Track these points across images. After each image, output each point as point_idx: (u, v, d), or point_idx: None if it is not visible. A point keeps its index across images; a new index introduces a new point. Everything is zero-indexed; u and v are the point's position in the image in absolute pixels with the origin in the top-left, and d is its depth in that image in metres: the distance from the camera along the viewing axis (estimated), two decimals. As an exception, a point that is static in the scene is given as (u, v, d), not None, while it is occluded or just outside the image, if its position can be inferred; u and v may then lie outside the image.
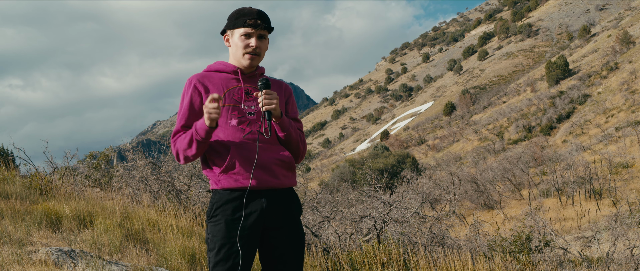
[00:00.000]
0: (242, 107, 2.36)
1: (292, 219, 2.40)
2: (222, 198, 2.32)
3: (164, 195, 6.93)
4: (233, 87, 2.39)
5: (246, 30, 2.35)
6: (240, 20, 2.36)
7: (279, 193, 2.37)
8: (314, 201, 6.91)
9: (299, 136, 2.43)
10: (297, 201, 2.45)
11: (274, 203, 2.35)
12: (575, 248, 8.72)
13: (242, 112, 2.36)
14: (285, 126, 2.35)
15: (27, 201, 6.24)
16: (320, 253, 5.36)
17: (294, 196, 2.44)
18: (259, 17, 2.35)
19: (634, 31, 71.73)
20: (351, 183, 27.05)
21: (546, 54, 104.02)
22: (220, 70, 2.43)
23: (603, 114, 43.40)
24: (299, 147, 2.43)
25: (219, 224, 2.31)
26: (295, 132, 2.40)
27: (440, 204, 16.12)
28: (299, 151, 2.44)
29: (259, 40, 2.38)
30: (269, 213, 2.34)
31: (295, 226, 2.41)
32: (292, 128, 2.39)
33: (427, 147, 66.63)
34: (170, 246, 4.73)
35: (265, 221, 2.34)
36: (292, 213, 2.41)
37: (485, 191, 23.04)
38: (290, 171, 2.40)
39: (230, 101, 2.36)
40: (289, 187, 2.42)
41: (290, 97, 2.51)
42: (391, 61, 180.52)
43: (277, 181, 2.35)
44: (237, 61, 2.41)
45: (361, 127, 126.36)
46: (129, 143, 8.63)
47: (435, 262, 4.93)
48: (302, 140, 2.44)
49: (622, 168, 24.39)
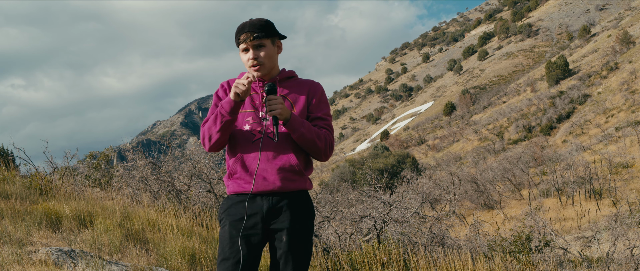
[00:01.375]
0: (259, 114, 2.46)
1: (297, 222, 2.43)
2: (228, 203, 2.46)
3: (164, 195, 6.93)
4: (253, 93, 2.50)
5: (242, 46, 2.45)
6: (236, 38, 2.47)
7: (283, 197, 2.42)
8: (313, 201, 6.91)
9: (316, 135, 2.42)
10: (305, 205, 2.47)
11: (275, 206, 2.41)
12: (575, 248, 8.72)
13: (257, 118, 2.45)
14: (296, 127, 2.38)
15: (27, 201, 6.24)
16: (320, 253, 5.36)
17: (301, 200, 2.46)
18: (248, 30, 2.42)
19: (634, 31, 71.74)
20: (351, 183, 27.05)
21: (546, 54, 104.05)
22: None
23: (603, 114, 43.41)
24: (318, 145, 2.42)
25: (224, 226, 2.44)
26: (309, 132, 2.40)
27: (440, 204, 16.12)
28: (318, 150, 2.44)
29: (257, 50, 2.44)
30: (271, 215, 2.41)
31: (300, 230, 2.44)
32: (305, 129, 2.39)
33: (427, 147, 66.65)
34: (170, 246, 4.73)
35: (269, 223, 2.41)
36: (297, 217, 2.43)
37: (485, 191, 23.04)
38: (296, 175, 2.43)
39: (249, 107, 2.47)
40: (296, 190, 2.45)
41: (315, 96, 2.52)
42: (391, 61, 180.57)
43: (279, 185, 2.40)
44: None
45: (361, 127, 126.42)
46: (129, 143, 8.63)
47: (435, 262, 4.93)
48: (321, 138, 2.43)
49: (622, 168, 24.40)
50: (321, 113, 2.51)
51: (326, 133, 2.47)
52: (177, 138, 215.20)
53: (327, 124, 2.51)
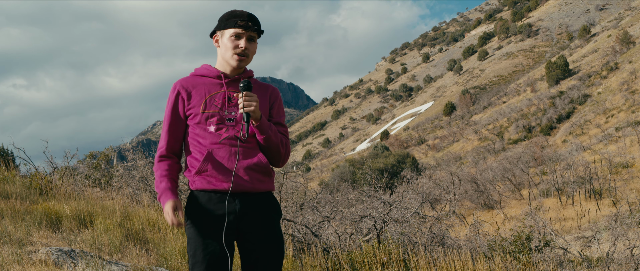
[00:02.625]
0: (223, 114, 2.38)
1: (268, 224, 2.40)
2: (196, 200, 2.37)
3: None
4: (215, 93, 2.41)
5: (236, 30, 2.37)
6: (231, 21, 2.38)
7: (254, 197, 2.38)
8: (314, 201, 6.91)
9: (280, 140, 2.42)
10: (274, 205, 2.45)
11: (247, 206, 2.36)
12: (575, 248, 8.72)
13: (222, 119, 2.38)
14: (264, 129, 2.35)
15: (27, 201, 6.24)
16: (320, 253, 5.36)
17: (271, 200, 2.44)
18: (250, 19, 2.38)
19: (634, 31, 71.74)
20: (351, 183, 27.05)
21: (546, 54, 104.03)
22: (205, 74, 2.45)
23: (603, 114, 43.42)
24: (280, 151, 2.42)
25: (193, 226, 2.35)
26: (275, 136, 2.39)
27: (440, 204, 16.12)
28: (279, 156, 2.43)
29: (248, 42, 2.39)
30: (242, 216, 2.35)
31: (272, 230, 2.41)
32: (272, 132, 2.38)
33: (427, 147, 66.65)
34: (170, 246, 4.73)
35: (239, 224, 2.36)
36: (268, 217, 2.41)
37: (485, 191, 23.04)
38: (266, 176, 2.41)
39: (211, 107, 2.38)
40: (266, 192, 2.42)
41: (276, 101, 2.51)
42: (391, 61, 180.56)
43: (250, 185, 2.36)
44: (226, 62, 2.43)
45: (361, 127, 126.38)
46: (129, 143, 8.63)
47: (435, 262, 4.93)
48: (283, 144, 2.43)
49: (622, 168, 24.40)
50: (281, 119, 2.51)
51: (287, 141, 2.47)
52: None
53: (285, 132, 2.50)
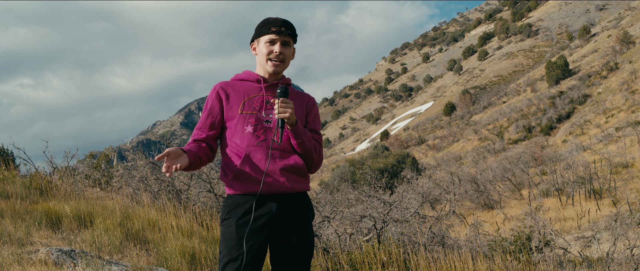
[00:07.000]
0: (260, 115, 2.45)
1: (302, 224, 2.47)
2: (234, 203, 2.43)
3: (164, 195, 6.93)
4: (254, 95, 2.48)
5: (271, 36, 2.45)
6: (265, 27, 2.46)
7: (290, 198, 2.44)
8: (314, 201, 6.91)
9: (313, 146, 2.48)
10: (309, 206, 2.52)
11: (284, 207, 2.42)
12: (575, 248, 8.72)
13: (260, 120, 2.45)
14: (299, 134, 2.41)
15: (27, 201, 6.24)
16: (320, 253, 5.36)
17: (305, 201, 2.51)
18: (283, 25, 2.45)
19: (634, 31, 71.72)
20: (351, 183, 27.04)
21: (546, 54, 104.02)
22: (245, 79, 2.54)
23: (603, 114, 43.41)
24: (313, 157, 2.49)
25: (230, 227, 2.42)
26: (309, 142, 2.46)
27: (440, 204, 16.12)
28: (312, 161, 2.50)
29: (283, 47, 2.47)
30: (278, 216, 2.42)
31: (305, 231, 2.48)
32: (307, 138, 2.45)
33: (427, 147, 66.63)
34: (170, 246, 4.73)
35: (275, 224, 2.42)
36: (303, 218, 2.48)
37: (485, 191, 23.02)
38: (302, 177, 2.47)
39: (249, 109, 2.45)
40: (301, 192, 2.49)
41: (312, 109, 2.59)
42: (391, 61, 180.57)
43: (287, 186, 2.42)
44: (263, 68, 2.51)
45: (361, 127, 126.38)
46: (129, 143, 8.64)
47: (436, 262, 4.93)
48: (317, 150, 2.50)
49: (622, 168, 24.39)
50: (317, 127, 2.58)
51: (320, 148, 2.53)
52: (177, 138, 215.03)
53: (320, 140, 2.57)
